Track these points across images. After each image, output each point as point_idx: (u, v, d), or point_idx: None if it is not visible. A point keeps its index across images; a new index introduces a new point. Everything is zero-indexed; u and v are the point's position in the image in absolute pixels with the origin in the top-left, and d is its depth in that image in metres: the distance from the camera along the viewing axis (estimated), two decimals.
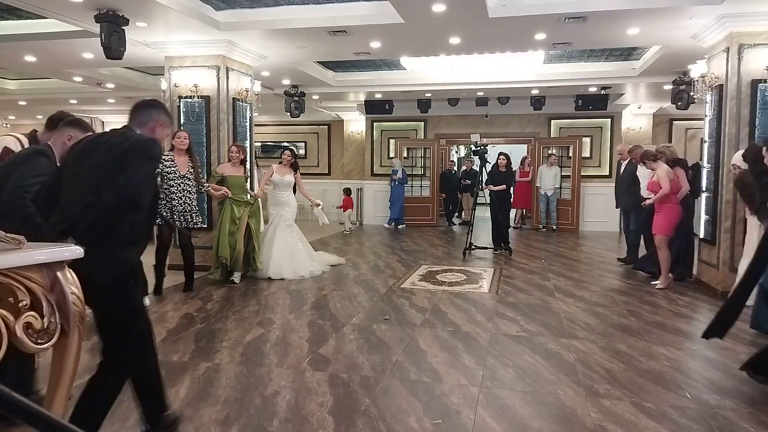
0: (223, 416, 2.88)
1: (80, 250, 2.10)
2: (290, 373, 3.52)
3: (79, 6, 5.51)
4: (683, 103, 8.64)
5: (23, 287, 1.91)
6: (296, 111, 10.38)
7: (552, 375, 3.50)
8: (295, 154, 7.37)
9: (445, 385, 3.31)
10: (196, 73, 7.22)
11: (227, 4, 6.25)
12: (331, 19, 6.27)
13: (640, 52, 8.44)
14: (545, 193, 11.79)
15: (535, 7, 5.83)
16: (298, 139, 14.86)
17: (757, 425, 2.81)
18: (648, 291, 6.00)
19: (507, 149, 12.36)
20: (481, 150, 8.24)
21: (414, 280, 6.55)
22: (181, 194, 5.64)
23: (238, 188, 6.35)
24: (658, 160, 6.24)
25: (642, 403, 3.07)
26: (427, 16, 5.92)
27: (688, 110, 9.17)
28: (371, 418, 2.87)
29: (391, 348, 4.03)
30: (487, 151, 8.34)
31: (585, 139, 12.33)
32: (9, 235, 1.93)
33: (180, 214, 5.63)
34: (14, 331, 1.84)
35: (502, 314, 5.00)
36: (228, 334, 4.35)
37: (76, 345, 2.08)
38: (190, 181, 5.74)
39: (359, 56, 8.04)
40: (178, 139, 5.77)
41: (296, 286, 6.19)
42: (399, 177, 12.19)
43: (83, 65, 8.67)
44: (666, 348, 4.05)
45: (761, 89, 5.72)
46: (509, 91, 10.68)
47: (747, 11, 5.57)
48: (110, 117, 14.64)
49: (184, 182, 5.68)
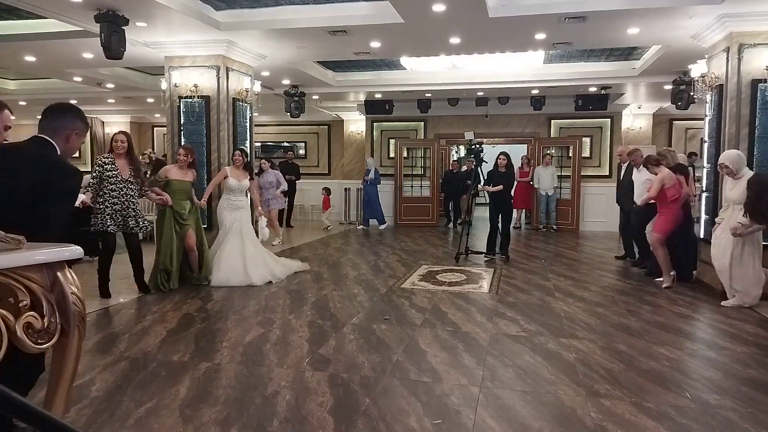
0: (223, 416, 2.88)
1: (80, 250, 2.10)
2: (290, 373, 3.52)
3: (79, 6, 5.52)
4: (683, 103, 8.65)
5: (23, 287, 1.91)
6: (296, 111, 10.38)
7: (552, 375, 3.50)
8: (247, 153, 6.81)
9: (445, 385, 3.31)
10: (196, 73, 7.22)
11: (227, 4, 6.25)
12: (331, 19, 6.28)
13: (640, 52, 8.44)
14: (545, 193, 11.79)
15: (535, 7, 5.83)
16: (298, 139, 14.86)
17: (757, 425, 2.81)
18: (648, 291, 6.00)
19: (507, 149, 12.37)
20: (476, 149, 7.90)
21: (414, 280, 6.55)
22: (123, 199, 5.38)
23: (182, 194, 5.95)
24: (661, 164, 6.23)
25: (642, 403, 3.07)
26: (427, 16, 5.93)
27: (688, 110, 9.19)
28: (371, 418, 2.87)
29: (391, 348, 4.03)
30: (482, 149, 7.98)
31: (585, 139, 12.34)
32: (9, 235, 1.93)
33: (124, 219, 5.40)
34: (14, 331, 1.84)
35: (502, 314, 5.00)
36: (228, 334, 4.35)
37: (76, 345, 2.09)
38: (133, 185, 5.46)
39: (359, 56, 8.04)
40: (116, 143, 5.46)
41: (296, 286, 6.19)
42: (371, 178, 11.98)
43: (83, 65, 8.67)
44: (666, 348, 4.05)
45: (761, 89, 5.73)
46: (509, 91, 10.68)
47: (747, 11, 5.58)
48: (110, 117, 14.66)
49: (127, 186, 5.40)
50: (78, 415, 2.86)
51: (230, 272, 6.17)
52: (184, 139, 7.27)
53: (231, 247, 6.30)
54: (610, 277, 6.85)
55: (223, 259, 6.23)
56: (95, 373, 3.47)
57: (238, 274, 6.16)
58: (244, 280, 6.13)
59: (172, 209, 5.87)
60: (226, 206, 6.45)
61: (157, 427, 2.46)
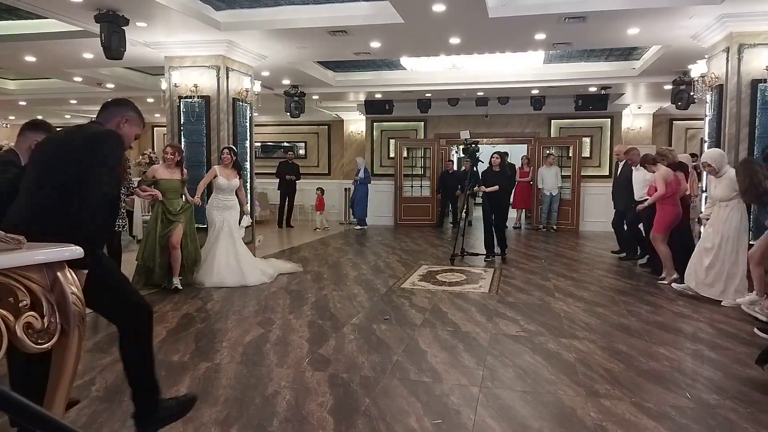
0: (223, 416, 2.88)
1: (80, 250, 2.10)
2: (290, 373, 3.52)
3: (79, 6, 5.52)
4: (683, 103, 8.66)
5: (23, 287, 1.91)
6: (296, 111, 10.38)
7: (552, 375, 3.50)
8: (236, 151, 6.64)
9: (445, 385, 3.31)
10: (196, 73, 7.22)
11: (227, 4, 6.25)
12: (331, 19, 6.28)
13: (640, 52, 8.44)
14: (549, 194, 11.78)
15: (535, 7, 5.83)
16: (298, 139, 14.86)
17: (757, 425, 2.81)
18: (648, 291, 6.00)
19: (507, 149, 12.38)
20: (472, 148, 7.76)
21: (414, 280, 6.55)
22: None
23: (172, 193, 5.89)
24: (658, 163, 6.30)
25: (642, 403, 3.07)
26: (427, 16, 5.93)
27: (688, 110, 9.20)
28: (371, 418, 2.87)
29: (391, 348, 4.03)
30: (478, 149, 7.85)
31: (585, 139, 12.34)
32: (9, 235, 1.93)
33: None
34: (14, 331, 1.84)
35: (502, 314, 5.00)
36: (228, 334, 4.35)
37: (76, 345, 2.08)
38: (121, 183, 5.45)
39: (359, 56, 8.04)
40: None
41: (296, 286, 6.19)
42: (360, 177, 11.99)
43: (83, 65, 8.67)
44: (666, 348, 4.05)
45: (761, 89, 5.73)
46: (509, 91, 10.68)
47: (747, 11, 5.58)
48: None
49: None
50: (78, 415, 2.86)
51: (225, 273, 6.15)
52: (184, 139, 7.28)
53: (223, 249, 6.27)
54: (610, 277, 6.85)
55: (216, 261, 6.20)
56: (95, 373, 3.47)
57: (234, 274, 6.15)
58: (240, 280, 6.12)
59: (163, 206, 5.82)
60: (216, 206, 6.40)
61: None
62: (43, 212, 2.26)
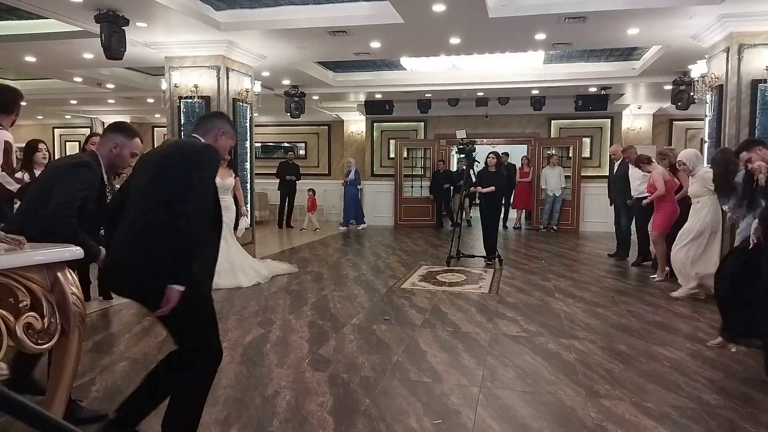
0: (223, 416, 2.88)
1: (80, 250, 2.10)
2: (290, 373, 3.52)
3: (79, 6, 5.52)
4: (683, 103, 8.66)
5: (23, 288, 1.91)
6: (296, 111, 10.39)
7: (552, 375, 3.50)
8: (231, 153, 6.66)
9: (445, 385, 3.31)
10: (196, 73, 7.23)
11: (227, 4, 6.25)
12: (331, 20, 6.28)
13: (640, 52, 8.44)
14: (552, 194, 11.76)
15: (535, 7, 5.84)
16: (299, 139, 14.86)
17: (757, 425, 2.81)
18: (648, 291, 6.00)
19: (507, 150, 12.40)
20: (468, 148, 7.63)
21: (414, 280, 6.55)
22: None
23: None
24: (653, 162, 6.40)
25: (642, 403, 3.07)
26: (427, 16, 5.93)
27: (688, 110, 9.19)
28: (371, 418, 2.87)
29: (391, 348, 4.03)
30: (474, 149, 7.73)
31: (585, 140, 12.34)
32: (9, 235, 1.93)
33: None
34: (14, 332, 1.84)
35: (502, 314, 5.00)
36: (228, 334, 4.35)
37: (76, 345, 2.09)
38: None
39: (359, 56, 8.04)
40: (93, 146, 5.39)
41: (296, 286, 6.19)
42: (350, 178, 12.00)
43: (83, 65, 8.67)
44: (666, 348, 4.05)
45: (761, 89, 5.73)
46: (509, 91, 10.68)
47: (747, 11, 5.58)
48: (110, 117, 14.64)
49: None
50: None
51: (220, 274, 6.12)
52: None
53: None
54: (610, 277, 6.85)
55: None
56: (95, 373, 3.47)
57: (227, 276, 6.11)
58: (234, 282, 6.10)
59: None
60: None
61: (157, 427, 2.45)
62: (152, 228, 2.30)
